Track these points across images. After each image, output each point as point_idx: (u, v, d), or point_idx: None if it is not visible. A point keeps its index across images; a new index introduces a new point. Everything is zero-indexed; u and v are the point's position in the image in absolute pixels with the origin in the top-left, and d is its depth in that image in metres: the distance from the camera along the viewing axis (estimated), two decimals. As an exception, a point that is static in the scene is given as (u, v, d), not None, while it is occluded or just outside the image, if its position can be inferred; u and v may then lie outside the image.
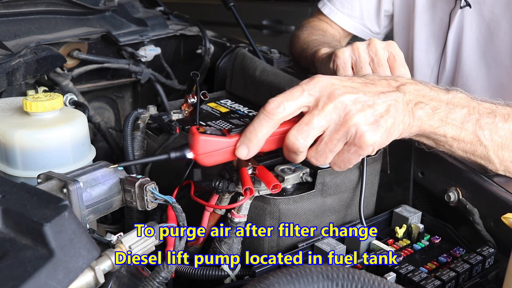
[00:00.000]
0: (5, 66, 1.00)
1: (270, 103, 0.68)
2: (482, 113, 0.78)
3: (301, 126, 0.68)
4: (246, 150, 0.70)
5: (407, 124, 0.73)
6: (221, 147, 0.71)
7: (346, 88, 0.69)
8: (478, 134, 0.77)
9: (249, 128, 0.70)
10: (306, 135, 0.68)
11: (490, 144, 0.78)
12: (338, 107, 0.68)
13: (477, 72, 1.33)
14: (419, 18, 1.42)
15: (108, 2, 1.38)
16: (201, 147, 0.70)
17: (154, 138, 1.01)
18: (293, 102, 0.68)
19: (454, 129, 0.76)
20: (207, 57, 1.50)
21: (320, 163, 0.72)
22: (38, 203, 0.53)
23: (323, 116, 0.68)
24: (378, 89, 0.72)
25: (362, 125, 0.68)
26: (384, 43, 0.91)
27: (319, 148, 0.70)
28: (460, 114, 0.76)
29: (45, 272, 0.48)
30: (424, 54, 1.45)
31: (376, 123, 0.69)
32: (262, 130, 0.69)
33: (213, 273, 0.78)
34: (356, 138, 0.68)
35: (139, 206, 0.72)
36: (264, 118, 0.68)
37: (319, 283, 0.55)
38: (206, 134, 0.70)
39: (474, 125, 0.77)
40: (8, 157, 0.83)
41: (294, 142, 0.69)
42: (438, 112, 0.75)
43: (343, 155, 0.71)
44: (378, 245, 0.80)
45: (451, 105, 0.76)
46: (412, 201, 1.00)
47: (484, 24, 1.29)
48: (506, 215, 0.72)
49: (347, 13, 1.50)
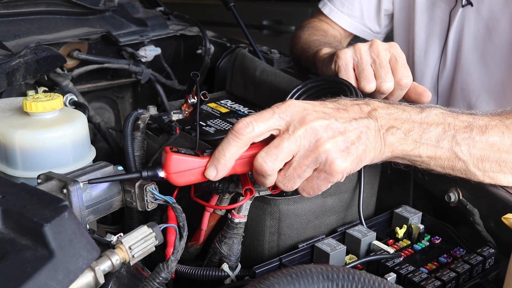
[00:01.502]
0: (5, 66, 1.00)
1: (239, 123, 0.67)
2: (458, 128, 0.76)
3: (270, 149, 0.67)
4: (214, 171, 0.69)
5: (379, 150, 0.72)
6: (193, 167, 0.70)
7: (318, 113, 0.68)
8: (455, 151, 0.76)
9: (218, 149, 0.68)
10: (274, 158, 0.67)
11: (468, 159, 0.77)
12: (309, 133, 0.67)
13: (476, 70, 1.33)
14: (419, 17, 1.43)
15: (108, 2, 1.38)
16: (173, 166, 0.69)
17: (154, 139, 1.01)
18: (263, 123, 0.67)
19: (429, 149, 0.75)
20: (207, 58, 1.50)
21: (287, 188, 0.70)
22: (38, 204, 0.53)
23: (293, 140, 0.66)
24: (350, 115, 0.71)
25: (333, 152, 0.67)
26: (386, 45, 0.91)
27: (287, 173, 0.69)
28: (435, 133, 0.75)
29: (45, 272, 0.48)
30: (424, 53, 1.45)
31: (347, 150, 0.68)
32: (230, 150, 0.67)
33: (213, 274, 0.78)
34: (326, 165, 0.67)
35: (139, 206, 0.72)
36: (232, 138, 0.67)
37: (320, 283, 0.55)
38: (178, 153, 0.69)
39: (450, 141, 0.76)
40: (8, 158, 0.83)
41: (262, 165, 0.67)
42: (411, 134, 0.74)
43: (312, 181, 0.70)
44: (378, 245, 0.80)
45: (425, 125, 0.75)
46: (412, 202, 1.00)
47: (483, 22, 1.30)
48: (506, 215, 0.72)
49: (347, 12, 1.50)
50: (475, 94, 1.34)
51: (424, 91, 0.89)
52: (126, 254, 0.61)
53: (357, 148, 0.69)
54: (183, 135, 0.96)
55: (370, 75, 0.89)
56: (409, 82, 0.88)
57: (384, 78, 0.88)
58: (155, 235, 0.65)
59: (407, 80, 0.88)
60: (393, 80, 0.88)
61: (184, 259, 0.88)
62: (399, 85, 0.88)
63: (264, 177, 0.69)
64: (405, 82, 0.88)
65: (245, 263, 0.81)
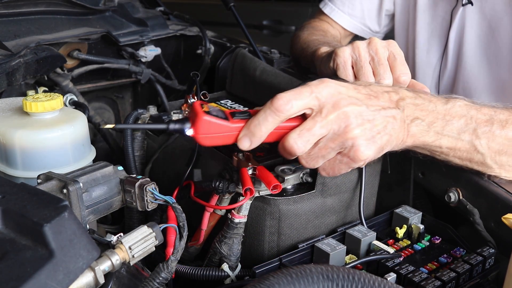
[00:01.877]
0: (5, 66, 1.00)
1: (278, 99, 0.68)
2: (479, 121, 0.78)
3: (303, 132, 0.69)
4: (248, 143, 0.71)
5: (401, 140, 0.74)
6: (222, 131, 0.70)
7: (351, 99, 0.70)
8: (474, 143, 0.78)
9: (253, 122, 0.70)
10: (306, 141, 0.69)
11: (487, 152, 0.79)
12: (340, 118, 0.68)
13: (478, 70, 1.33)
14: (421, 17, 1.43)
15: (108, 2, 1.38)
16: (203, 128, 0.69)
17: (154, 139, 1.01)
18: (301, 101, 0.68)
19: (450, 140, 0.77)
20: (207, 57, 1.50)
21: (309, 165, 0.72)
22: (38, 204, 0.53)
23: (325, 124, 0.68)
24: (380, 103, 0.73)
25: (360, 139, 0.69)
26: (384, 42, 0.91)
27: (312, 152, 0.71)
28: (457, 125, 0.77)
29: (45, 272, 0.48)
30: (425, 53, 1.45)
31: (372, 139, 0.70)
32: (267, 126, 0.69)
33: (213, 274, 0.78)
34: (351, 151, 0.69)
35: (139, 206, 0.72)
36: (270, 114, 0.68)
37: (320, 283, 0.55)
38: (210, 115, 0.69)
39: (471, 135, 0.78)
40: (8, 158, 0.83)
41: (293, 146, 0.69)
42: (434, 126, 0.76)
43: (334, 163, 0.72)
44: (378, 245, 0.80)
45: (449, 116, 0.77)
46: (412, 202, 1.00)
47: (486, 22, 1.29)
48: (506, 215, 0.72)
49: (348, 12, 1.51)
50: (477, 93, 1.34)
51: (422, 88, 0.89)
52: (126, 254, 0.61)
53: (382, 137, 0.71)
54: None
55: (368, 73, 0.89)
56: (407, 79, 0.88)
57: (382, 75, 0.88)
58: (155, 235, 0.65)
59: (406, 78, 0.88)
60: (392, 78, 0.88)
61: (184, 259, 0.88)
62: (398, 83, 0.88)
63: (290, 155, 0.71)
64: (404, 80, 0.88)
65: (245, 263, 0.81)
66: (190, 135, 0.69)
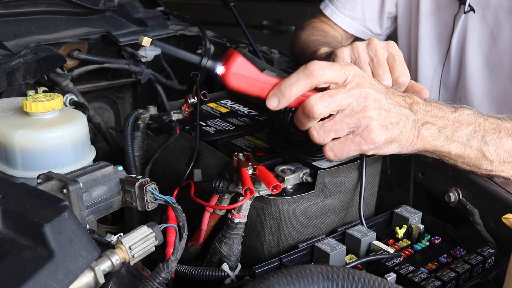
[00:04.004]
0: (5, 66, 1.00)
1: (313, 64, 0.71)
2: (487, 129, 0.80)
3: (325, 96, 0.71)
4: (276, 102, 0.73)
5: (411, 141, 0.76)
6: (252, 77, 0.72)
7: (373, 85, 0.74)
8: (483, 150, 0.80)
9: (285, 83, 0.72)
10: (326, 105, 0.71)
11: (495, 158, 0.81)
12: (361, 96, 0.72)
13: (480, 76, 1.33)
14: (424, 21, 1.42)
15: (108, 2, 1.38)
16: (236, 67, 0.71)
17: (154, 139, 1.01)
18: (332, 72, 0.71)
19: (459, 146, 0.79)
20: (207, 57, 1.50)
21: (319, 140, 0.74)
22: (38, 204, 0.53)
23: (346, 96, 0.71)
24: (396, 100, 0.75)
25: (375, 121, 0.72)
26: (383, 43, 0.91)
27: (326, 124, 0.73)
28: (466, 132, 0.79)
29: (45, 272, 0.48)
30: (428, 57, 1.44)
31: (385, 127, 0.73)
32: (298, 87, 0.72)
33: (213, 274, 0.78)
34: (364, 131, 0.72)
35: (139, 206, 0.72)
36: (302, 76, 0.71)
37: (319, 283, 0.55)
38: (245, 58, 0.72)
39: (479, 141, 0.79)
40: (8, 157, 0.83)
41: (313, 106, 0.71)
42: (444, 131, 0.78)
43: (344, 142, 0.74)
44: (378, 245, 0.80)
45: (458, 123, 0.79)
46: (412, 202, 1.00)
47: (488, 29, 1.29)
48: (506, 215, 0.72)
49: (349, 14, 1.50)
50: (478, 100, 1.34)
51: (422, 89, 0.89)
52: (126, 254, 0.61)
53: (394, 129, 0.74)
54: (183, 135, 0.96)
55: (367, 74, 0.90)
56: (406, 80, 0.88)
57: (382, 76, 0.88)
58: (155, 235, 0.65)
59: (405, 79, 0.88)
60: (391, 78, 0.88)
61: (184, 259, 0.88)
62: (397, 84, 0.88)
63: (308, 118, 0.72)
64: (403, 81, 0.88)
65: (245, 263, 0.81)
66: (220, 72, 0.72)
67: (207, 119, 1.02)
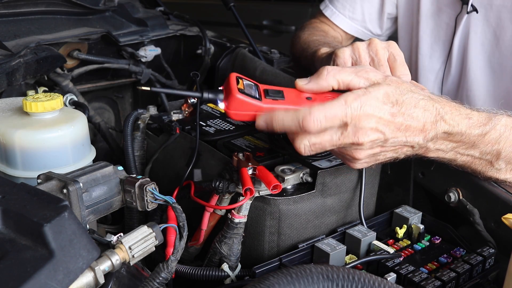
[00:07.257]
0: (5, 66, 1.00)
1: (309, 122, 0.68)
2: (508, 145, 0.78)
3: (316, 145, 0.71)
4: (264, 127, 0.73)
5: (408, 155, 0.76)
6: (253, 110, 0.73)
7: (378, 124, 0.70)
8: (493, 163, 0.80)
9: (278, 116, 0.71)
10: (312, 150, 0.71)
11: (503, 168, 0.80)
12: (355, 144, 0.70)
13: (482, 78, 1.33)
14: (424, 22, 1.41)
15: (108, 2, 1.38)
16: (235, 106, 0.72)
17: (154, 139, 1.01)
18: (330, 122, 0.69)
19: (468, 159, 0.79)
20: (207, 57, 1.50)
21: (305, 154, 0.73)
22: (38, 204, 0.53)
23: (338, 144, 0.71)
24: (406, 137, 0.72)
25: (361, 158, 0.72)
26: (384, 43, 0.91)
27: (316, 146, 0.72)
28: (485, 149, 0.77)
29: (45, 272, 0.48)
30: (428, 58, 1.44)
31: (374, 157, 0.74)
32: (287, 128, 0.71)
33: (213, 274, 0.78)
34: (349, 157, 0.73)
35: (139, 206, 0.72)
36: (296, 125, 0.69)
37: (319, 283, 0.55)
38: (244, 94, 0.72)
39: (494, 156, 0.78)
40: (8, 157, 0.83)
41: (300, 150, 0.71)
42: (456, 149, 0.77)
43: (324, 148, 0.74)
44: (378, 245, 0.80)
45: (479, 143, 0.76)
46: (412, 202, 1.00)
47: (490, 30, 1.29)
48: (506, 215, 0.72)
49: (349, 15, 1.50)
50: (480, 101, 1.34)
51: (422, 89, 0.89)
52: (126, 254, 0.61)
53: (385, 155, 0.74)
54: (183, 135, 0.96)
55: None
56: (407, 80, 0.88)
57: None
58: (155, 235, 0.64)
59: (406, 79, 0.88)
60: None
61: (184, 259, 0.88)
62: None
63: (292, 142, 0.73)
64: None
65: (245, 263, 0.81)
66: (221, 108, 0.73)
67: (207, 119, 1.02)
